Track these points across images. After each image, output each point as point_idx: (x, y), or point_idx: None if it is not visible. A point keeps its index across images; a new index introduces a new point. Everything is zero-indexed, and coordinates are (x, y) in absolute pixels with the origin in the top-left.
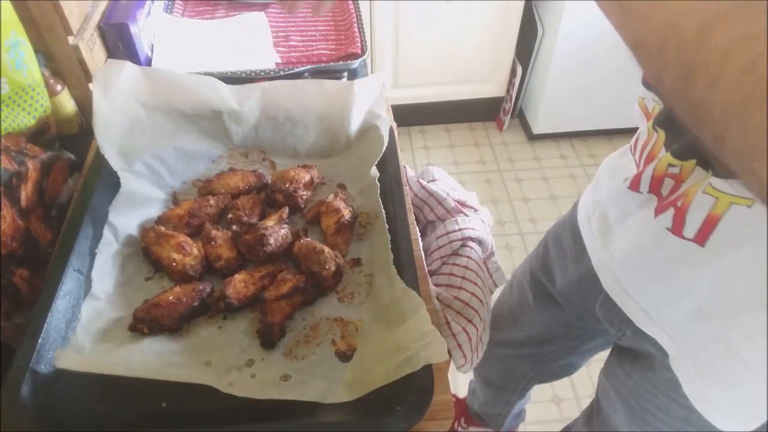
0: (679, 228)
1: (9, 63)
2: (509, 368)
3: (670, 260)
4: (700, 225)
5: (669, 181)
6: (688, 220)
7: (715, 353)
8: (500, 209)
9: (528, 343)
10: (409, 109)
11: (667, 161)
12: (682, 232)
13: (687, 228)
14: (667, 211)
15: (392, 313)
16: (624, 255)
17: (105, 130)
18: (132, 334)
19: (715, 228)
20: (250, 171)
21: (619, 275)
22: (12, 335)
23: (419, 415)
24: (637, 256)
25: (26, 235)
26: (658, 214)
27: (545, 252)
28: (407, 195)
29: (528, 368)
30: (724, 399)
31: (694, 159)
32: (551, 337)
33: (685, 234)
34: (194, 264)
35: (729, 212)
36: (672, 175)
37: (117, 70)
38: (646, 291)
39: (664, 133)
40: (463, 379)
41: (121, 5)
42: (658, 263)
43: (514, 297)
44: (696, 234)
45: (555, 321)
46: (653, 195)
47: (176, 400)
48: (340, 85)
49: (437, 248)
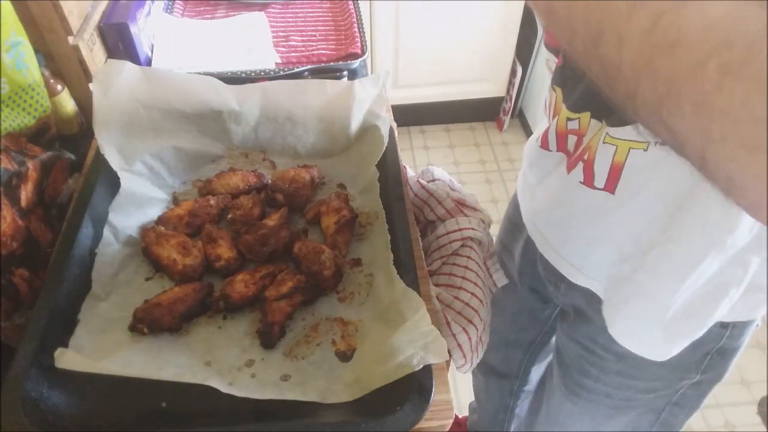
0: (590, 179)
1: (9, 63)
2: (505, 355)
3: (587, 211)
4: (607, 173)
5: (572, 137)
6: (596, 171)
7: (628, 291)
8: (500, 209)
9: (511, 330)
10: (409, 109)
11: (565, 116)
12: (593, 182)
13: (597, 178)
14: (577, 165)
15: (392, 313)
16: (547, 214)
17: (105, 130)
18: (132, 334)
19: (620, 174)
20: (250, 171)
21: (546, 234)
22: (12, 335)
23: (419, 415)
24: (558, 213)
25: (26, 235)
26: (570, 170)
27: (501, 232)
28: (407, 195)
29: (521, 354)
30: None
31: (588, 111)
32: (524, 324)
33: (596, 184)
34: (194, 264)
35: (630, 158)
36: (573, 131)
37: (117, 70)
38: (571, 244)
39: (560, 90)
40: (463, 379)
41: (121, 5)
42: (577, 216)
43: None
44: (605, 183)
45: (519, 305)
46: (562, 153)
47: (176, 400)
48: (340, 85)
49: (437, 248)
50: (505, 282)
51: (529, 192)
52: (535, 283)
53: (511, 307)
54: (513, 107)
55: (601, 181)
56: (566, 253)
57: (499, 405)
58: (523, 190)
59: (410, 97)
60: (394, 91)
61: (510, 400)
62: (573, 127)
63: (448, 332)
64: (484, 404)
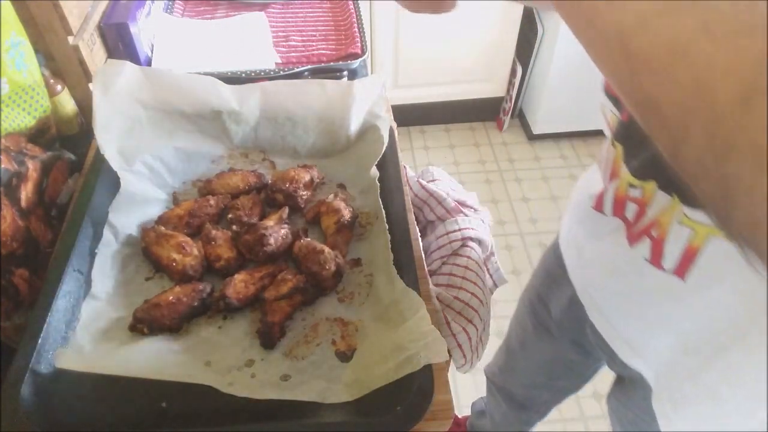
0: (658, 259)
1: (9, 63)
2: (530, 393)
3: (651, 291)
4: (679, 257)
5: (632, 205)
6: (666, 252)
7: (691, 391)
8: (500, 209)
9: (541, 374)
10: (409, 109)
11: (627, 181)
12: (661, 263)
13: (666, 260)
14: (642, 240)
15: (392, 313)
16: (601, 281)
17: (105, 130)
18: (132, 334)
19: (694, 261)
20: (250, 171)
21: (600, 303)
22: (12, 335)
23: (419, 415)
24: (615, 284)
25: (26, 235)
26: (632, 242)
27: (535, 278)
28: (407, 195)
29: (549, 395)
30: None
31: (655, 180)
32: (559, 373)
33: (664, 266)
34: (194, 264)
35: (708, 245)
36: (635, 199)
37: (117, 70)
38: (627, 321)
39: (621, 148)
40: (463, 379)
41: (121, 5)
42: (639, 293)
43: (520, 324)
44: (676, 267)
45: (554, 355)
46: (619, 219)
47: (176, 400)
48: (340, 85)
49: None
50: (505, 282)
51: (575, 248)
52: (580, 339)
53: (545, 354)
54: (513, 107)
55: (671, 263)
56: (622, 330)
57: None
58: (568, 244)
59: (410, 97)
60: (394, 91)
61: (525, 427)
62: (635, 195)
63: (448, 332)
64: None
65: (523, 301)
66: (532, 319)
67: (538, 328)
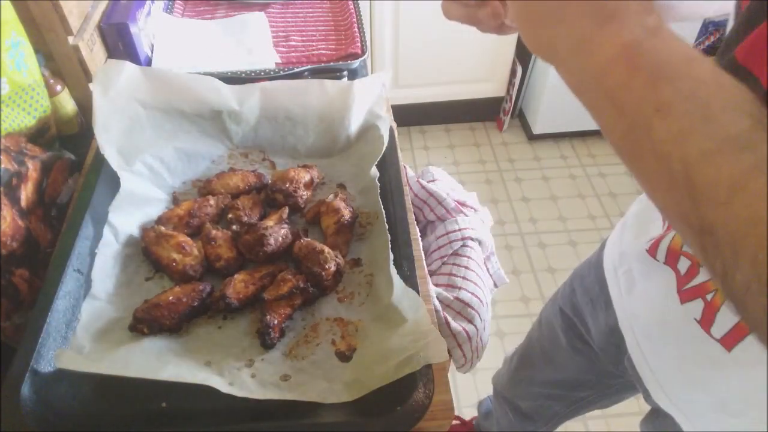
0: (708, 324)
1: (9, 63)
2: (541, 404)
3: (695, 351)
4: (729, 329)
5: (685, 260)
6: (718, 320)
7: None
8: (500, 209)
9: (562, 386)
10: (409, 109)
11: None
12: (710, 330)
13: (716, 327)
14: (695, 300)
15: (392, 313)
16: (647, 325)
17: (105, 130)
18: (132, 334)
19: (745, 337)
20: (250, 171)
21: (642, 344)
22: (12, 335)
23: (419, 415)
24: (660, 333)
25: (26, 235)
26: (684, 301)
27: (572, 293)
28: (407, 195)
29: (561, 408)
30: None
31: None
32: (586, 383)
33: (712, 332)
34: (194, 264)
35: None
36: (689, 255)
37: (117, 70)
38: (665, 369)
39: None
40: (463, 379)
41: (121, 5)
42: (682, 350)
43: (545, 336)
44: (724, 336)
45: (590, 367)
46: (671, 269)
47: (176, 400)
48: (340, 85)
49: (437, 248)
50: (505, 282)
51: (625, 279)
52: (618, 367)
53: (578, 367)
54: (513, 107)
55: (719, 332)
56: (659, 377)
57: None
58: (615, 271)
59: (410, 97)
60: (394, 91)
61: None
62: (688, 250)
63: (448, 332)
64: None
65: (554, 313)
66: (568, 334)
67: (575, 344)
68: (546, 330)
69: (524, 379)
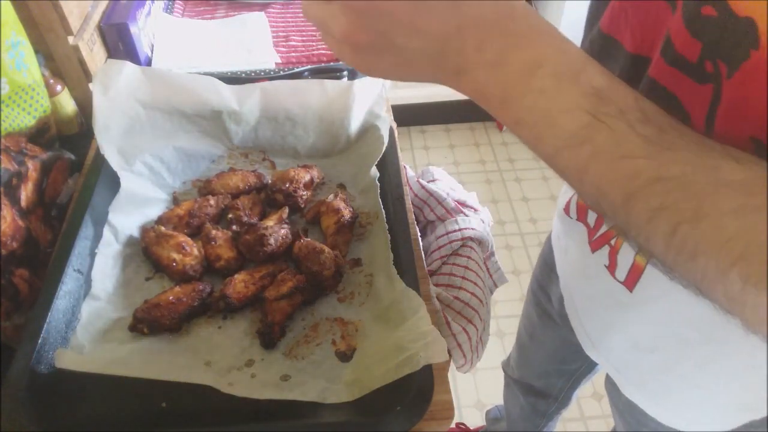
0: (613, 268)
1: (9, 63)
2: (546, 381)
3: (607, 297)
4: (628, 270)
5: (592, 213)
6: (619, 262)
7: (666, 381)
8: (500, 209)
9: (552, 360)
10: (409, 109)
11: None
12: (615, 273)
13: (618, 270)
14: (602, 248)
15: (392, 313)
16: (570, 280)
17: (105, 130)
18: (132, 334)
19: (640, 276)
20: (250, 171)
21: (574, 297)
22: (12, 335)
23: (419, 415)
24: (581, 285)
25: (26, 235)
26: (594, 250)
27: (537, 269)
28: (407, 195)
29: (563, 382)
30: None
31: None
32: (570, 355)
33: (616, 276)
34: (194, 264)
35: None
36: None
37: (117, 70)
38: (589, 319)
39: None
40: (463, 379)
41: (121, 5)
42: (598, 298)
43: (524, 315)
44: (625, 278)
45: (561, 341)
46: (582, 224)
47: (176, 400)
48: (340, 85)
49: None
50: (505, 282)
51: (558, 245)
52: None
53: (552, 342)
54: None
55: (621, 274)
56: (586, 325)
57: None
58: (558, 237)
59: (410, 97)
60: (394, 91)
61: (542, 421)
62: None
63: (448, 332)
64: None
65: (528, 293)
66: (536, 309)
67: (542, 317)
68: (525, 310)
69: (525, 361)
